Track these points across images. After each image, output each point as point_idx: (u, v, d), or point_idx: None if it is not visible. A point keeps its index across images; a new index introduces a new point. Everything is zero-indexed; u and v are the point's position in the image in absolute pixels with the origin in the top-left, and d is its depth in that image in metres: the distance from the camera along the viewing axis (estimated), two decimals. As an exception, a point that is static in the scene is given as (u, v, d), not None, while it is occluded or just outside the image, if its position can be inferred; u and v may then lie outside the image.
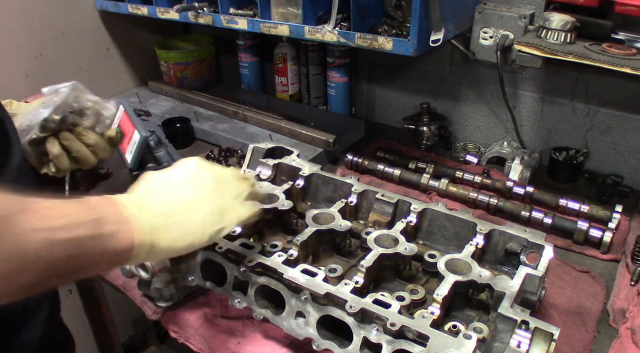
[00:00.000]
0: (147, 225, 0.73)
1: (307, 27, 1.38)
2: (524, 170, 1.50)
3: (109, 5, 1.94)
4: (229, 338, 1.04)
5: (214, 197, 0.83)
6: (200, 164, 0.87)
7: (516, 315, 0.82)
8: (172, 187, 0.81)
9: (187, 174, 0.84)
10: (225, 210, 0.84)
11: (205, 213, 0.81)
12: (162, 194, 0.80)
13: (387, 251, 0.99)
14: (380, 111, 1.99)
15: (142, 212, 0.74)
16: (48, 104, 1.13)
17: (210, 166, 0.88)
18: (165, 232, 0.76)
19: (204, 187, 0.84)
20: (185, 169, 0.85)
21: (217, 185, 0.85)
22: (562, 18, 1.24)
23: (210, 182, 0.84)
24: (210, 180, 0.84)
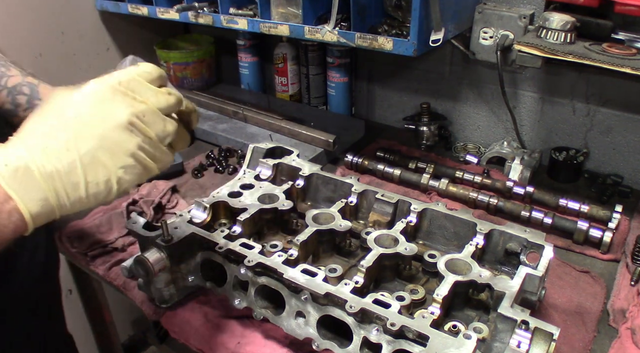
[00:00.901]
0: (36, 198, 0.63)
1: (307, 27, 1.38)
2: (524, 170, 1.50)
3: (109, 5, 1.94)
4: (229, 338, 1.04)
5: (127, 143, 0.68)
6: (112, 92, 0.68)
7: (516, 315, 0.82)
8: (71, 133, 0.65)
9: (92, 106, 0.67)
10: (140, 159, 0.70)
11: (114, 170, 0.68)
12: (55, 145, 0.65)
13: (387, 251, 0.99)
14: (380, 111, 1.99)
15: (27, 185, 0.63)
16: None
17: (124, 95, 0.69)
18: (61, 197, 0.65)
19: (114, 131, 0.67)
20: (92, 99, 0.68)
21: (132, 127, 0.68)
22: (562, 18, 1.24)
23: (123, 124, 0.67)
24: (125, 119, 0.67)
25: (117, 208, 1.41)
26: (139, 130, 0.69)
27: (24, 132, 0.66)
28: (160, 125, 0.71)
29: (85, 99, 0.67)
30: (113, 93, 0.67)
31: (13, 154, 0.63)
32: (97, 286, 1.85)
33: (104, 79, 0.69)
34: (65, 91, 0.70)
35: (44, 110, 0.68)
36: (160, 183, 1.49)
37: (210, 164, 1.68)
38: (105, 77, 0.69)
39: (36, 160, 0.63)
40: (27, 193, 0.63)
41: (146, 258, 0.98)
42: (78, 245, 1.30)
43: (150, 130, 0.70)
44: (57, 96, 0.69)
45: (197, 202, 1.14)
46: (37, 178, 0.63)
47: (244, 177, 1.27)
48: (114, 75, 0.70)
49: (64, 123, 0.65)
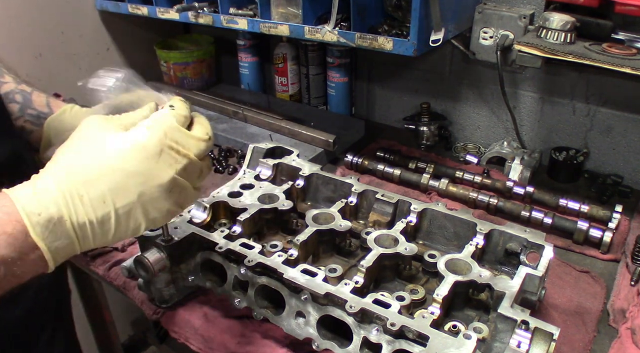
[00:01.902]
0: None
1: (307, 27, 1.38)
2: (524, 170, 1.50)
3: (109, 5, 1.94)
4: (229, 338, 1.04)
5: (164, 202, 0.68)
6: (159, 148, 0.66)
7: (516, 315, 0.82)
8: (112, 184, 0.64)
9: (139, 162, 0.65)
10: (172, 211, 0.70)
11: (144, 222, 0.67)
12: (94, 195, 0.63)
13: (387, 251, 0.99)
14: (380, 111, 1.99)
15: (57, 235, 0.62)
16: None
17: (170, 150, 0.68)
18: (87, 243, 0.65)
19: (155, 190, 0.66)
20: (140, 155, 0.65)
21: (173, 186, 0.68)
22: (562, 18, 1.24)
23: (165, 185, 0.67)
24: (168, 180, 0.67)
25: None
26: (179, 186, 0.69)
27: (59, 168, 0.64)
28: (197, 173, 0.72)
29: (132, 152, 0.65)
30: (160, 149, 0.66)
31: (48, 201, 0.61)
32: (97, 286, 1.86)
33: (155, 126, 0.68)
34: (106, 124, 0.68)
35: (83, 144, 0.66)
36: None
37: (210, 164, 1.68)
38: (154, 126, 0.67)
39: (71, 210, 0.62)
40: (55, 243, 0.62)
41: (146, 258, 0.98)
42: (78, 245, 1.30)
43: (188, 183, 0.70)
44: (99, 130, 0.67)
45: (197, 202, 1.14)
46: (69, 229, 0.62)
47: (244, 177, 1.27)
48: (159, 125, 0.68)
49: (105, 171, 0.64)
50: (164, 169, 0.66)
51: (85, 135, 0.67)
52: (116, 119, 0.71)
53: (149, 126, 0.67)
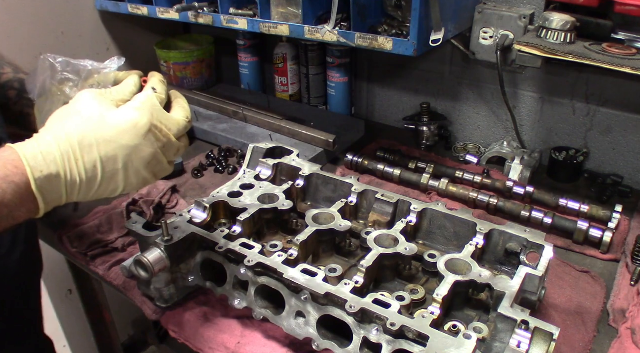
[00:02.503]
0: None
1: (307, 27, 1.38)
2: (524, 170, 1.50)
3: (109, 5, 1.94)
4: (229, 338, 1.04)
5: (143, 172, 0.80)
6: (147, 128, 0.78)
7: (516, 315, 0.82)
8: (103, 152, 0.75)
9: (129, 139, 0.77)
10: (148, 179, 0.81)
11: (123, 185, 0.79)
12: (87, 159, 0.74)
13: (387, 251, 0.99)
14: (380, 111, 1.99)
15: (53, 190, 0.73)
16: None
17: (155, 129, 0.79)
18: (73, 197, 0.76)
19: (138, 162, 0.78)
20: (130, 133, 0.77)
21: (152, 161, 0.80)
22: (562, 18, 1.24)
23: (146, 160, 0.79)
24: (149, 157, 0.79)
25: (117, 209, 1.41)
26: (157, 160, 0.81)
27: (60, 131, 0.74)
28: (174, 151, 0.84)
29: (126, 128, 0.76)
30: (148, 128, 0.78)
31: (50, 160, 0.72)
32: (97, 286, 1.86)
33: (144, 107, 0.79)
34: (101, 98, 0.79)
35: (83, 114, 0.76)
36: (160, 184, 1.49)
37: (210, 164, 1.68)
38: (143, 107, 0.79)
39: (67, 169, 0.73)
40: (50, 195, 0.73)
41: (146, 258, 0.98)
42: (78, 245, 1.30)
43: (165, 158, 0.82)
44: (97, 104, 0.77)
45: (197, 202, 1.14)
46: (62, 185, 0.73)
47: (244, 177, 1.27)
48: (147, 106, 0.79)
49: (101, 141, 0.75)
50: (148, 145, 0.78)
51: (84, 106, 0.77)
52: (108, 94, 0.81)
53: (137, 107, 0.79)
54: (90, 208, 1.43)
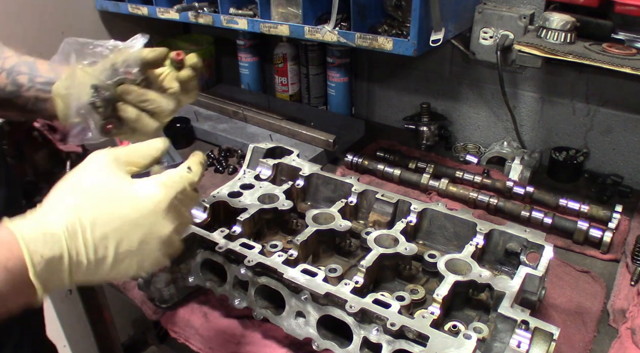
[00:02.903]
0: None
1: (307, 27, 1.38)
2: (524, 170, 1.50)
3: (109, 5, 1.94)
4: (229, 338, 1.04)
5: (159, 253, 0.70)
6: (168, 207, 0.69)
7: (516, 315, 0.82)
8: (117, 232, 0.66)
9: (147, 215, 0.68)
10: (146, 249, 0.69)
11: (137, 268, 0.69)
12: (97, 237, 0.64)
13: (387, 251, 0.99)
14: (380, 111, 1.99)
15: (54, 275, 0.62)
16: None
17: (176, 210, 0.71)
18: (78, 281, 0.65)
19: (154, 242, 0.69)
20: (150, 209, 0.68)
21: (169, 240, 0.70)
22: (562, 18, 1.24)
23: (164, 239, 0.70)
24: (167, 235, 0.70)
25: (117, 208, 1.40)
26: (171, 240, 0.71)
27: (67, 205, 0.65)
28: (186, 227, 0.75)
29: (144, 205, 0.67)
30: (168, 208, 0.69)
31: (53, 242, 0.61)
32: (97, 286, 1.85)
33: (171, 186, 0.70)
34: (117, 166, 0.70)
35: (95, 185, 0.67)
36: (160, 184, 1.48)
37: (210, 164, 1.68)
38: (169, 186, 0.70)
39: (72, 250, 0.63)
40: (50, 280, 0.62)
41: (146, 258, 0.98)
42: (78, 245, 1.30)
43: (179, 237, 0.73)
44: (111, 173, 0.69)
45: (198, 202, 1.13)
46: (65, 268, 0.63)
47: (244, 177, 1.27)
48: (173, 186, 0.71)
49: (114, 217, 0.65)
50: (167, 224, 0.69)
51: (97, 175, 0.68)
52: (124, 158, 0.72)
53: (164, 183, 0.70)
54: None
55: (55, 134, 1.48)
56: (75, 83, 0.84)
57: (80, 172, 0.69)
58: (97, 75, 0.83)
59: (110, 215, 0.65)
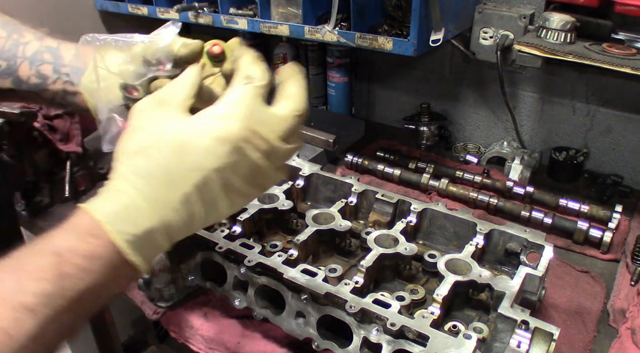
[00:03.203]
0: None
1: (307, 27, 1.38)
2: (524, 170, 1.50)
3: (109, 5, 1.94)
4: (229, 338, 1.04)
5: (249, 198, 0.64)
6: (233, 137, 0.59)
7: (516, 315, 0.82)
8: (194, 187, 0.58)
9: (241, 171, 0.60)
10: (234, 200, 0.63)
11: (224, 213, 0.63)
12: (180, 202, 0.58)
13: (387, 251, 0.99)
14: (380, 111, 1.99)
15: (150, 248, 0.59)
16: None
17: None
18: (173, 240, 0.61)
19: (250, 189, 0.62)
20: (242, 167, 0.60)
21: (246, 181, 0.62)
22: (562, 18, 1.24)
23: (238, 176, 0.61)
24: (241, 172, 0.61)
25: (117, 208, 1.40)
26: (261, 172, 0.63)
27: (136, 173, 0.59)
28: (280, 156, 0.65)
29: (215, 147, 0.59)
30: (244, 138, 0.60)
31: (136, 216, 0.57)
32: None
33: (235, 111, 0.60)
34: (166, 110, 0.61)
35: (148, 137, 0.60)
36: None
37: (210, 163, 1.68)
38: (236, 112, 0.60)
39: (159, 218, 0.58)
40: (149, 253, 0.59)
41: (146, 258, 0.98)
42: (78, 245, 1.30)
43: (270, 165, 0.64)
44: (160, 117, 0.61)
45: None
46: (159, 237, 0.59)
47: (244, 177, 1.27)
48: (241, 109, 0.60)
49: (188, 171, 0.58)
50: (246, 158, 0.60)
51: (148, 129, 0.60)
52: (172, 97, 0.63)
53: (225, 114, 0.59)
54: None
55: (55, 134, 1.48)
56: (102, 82, 0.75)
57: (131, 129, 0.61)
58: (126, 73, 0.73)
59: (183, 170, 0.58)
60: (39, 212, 1.45)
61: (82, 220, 0.57)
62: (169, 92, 0.64)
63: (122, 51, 0.73)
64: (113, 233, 0.55)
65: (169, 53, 0.71)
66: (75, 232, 0.56)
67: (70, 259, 0.54)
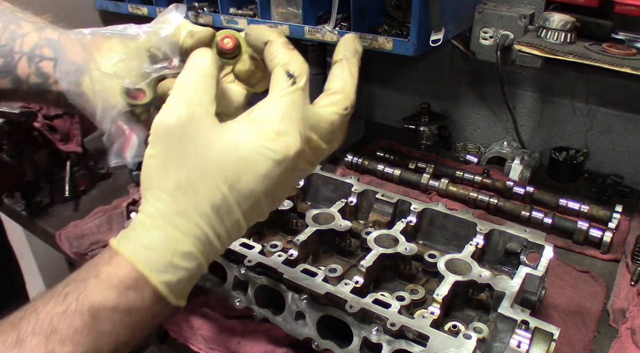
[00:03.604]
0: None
1: (307, 27, 1.38)
2: (524, 170, 1.50)
3: (109, 5, 1.94)
4: (229, 338, 1.04)
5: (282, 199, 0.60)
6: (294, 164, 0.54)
7: (516, 315, 0.82)
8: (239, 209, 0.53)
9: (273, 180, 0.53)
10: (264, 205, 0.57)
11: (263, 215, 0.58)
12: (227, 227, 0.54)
13: (387, 251, 0.99)
14: (380, 111, 1.99)
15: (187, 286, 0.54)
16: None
17: (305, 164, 0.58)
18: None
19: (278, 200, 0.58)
20: (275, 172, 0.53)
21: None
22: (562, 18, 1.24)
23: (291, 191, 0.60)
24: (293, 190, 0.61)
25: (117, 209, 1.41)
26: (302, 174, 0.60)
27: (176, 204, 0.51)
28: (320, 159, 0.62)
29: (268, 169, 0.52)
30: (298, 155, 0.54)
31: (188, 260, 0.52)
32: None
33: (288, 119, 0.52)
34: (202, 121, 0.52)
35: (188, 155, 0.51)
36: (160, 183, 1.48)
37: (210, 163, 1.68)
38: (287, 118, 0.53)
39: (204, 254, 0.53)
40: (188, 291, 0.55)
41: (146, 258, 0.98)
42: (78, 245, 1.30)
43: (307, 172, 0.62)
44: (200, 130, 0.52)
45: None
46: (198, 277, 0.55)
47: (244, 177, 1.27)
48: (292, 119, 0.53)
49: (239, 197, 0.52)
50: (297, 171, 0.56)
51: (193, 159, 0.52)
52: (198, 111, 0.53)
53: (284, 131, 0.52)
54: (90, 208, 1.43)
55: (56, 134, 1.48)
56: (98, 85, 0.63)
57: (171, 158, 0.52)
58: (124, 73, 0.62)
59: (236, 198, 0.52)
60: (39, 212, 1.45)
61: (120, 270, 0.50)
62: (192, 101, 0.53)
63: (119, 46, 0.63)
64: (160, 286, 0.50)
65: (174, 44, 0.61)
66: (113, 284, 0.49)
67: (109, 316, 0.49)
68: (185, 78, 0.55)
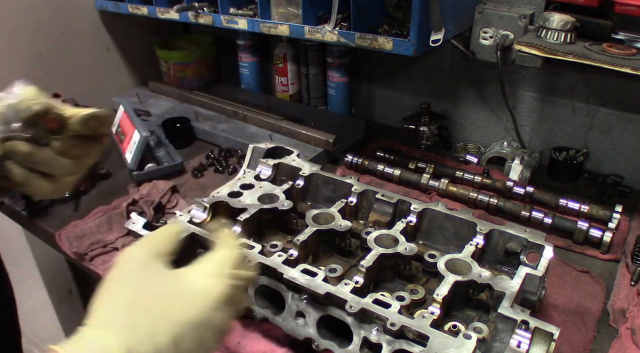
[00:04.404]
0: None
1: (307, 27, 1.38)
2: (524, 170, 1.50)
3: (109, 5, 1.94)
4: (228, 338, 1.04)
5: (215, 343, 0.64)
6: (225, 296, 0.64)
7: (516, 315, 0.82)
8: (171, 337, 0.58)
9: (204, 312, 0.61)
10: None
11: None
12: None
13: (387, 251, 0.99)
14: (380, 111, 1.99)
15: None
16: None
17: (234, 297, 0.66)
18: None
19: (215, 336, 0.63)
20: (206, 304, 0.62)
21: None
22: (562, 18, 1.24)
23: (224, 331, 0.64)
24: (227, 327, 0.65)
25: (117, 209, 1.41)
26: (230, 326, 0.66)
27: (118, 326, 0.57)
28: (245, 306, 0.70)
29: (200, 303, 0.61)
30: (226, 299, 0.63)
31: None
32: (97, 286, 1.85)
33: (221, 270, 0.66)
34: (150, 260, 0.64)
35: (140, 285, 0.61)
36: (160, 183, 1.49)
37: (210, 164, 1.68)
38: (220, 264, 0.67)
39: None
40: None
41: (146, 258, 0.98)
42: (78, 245, 1.30)
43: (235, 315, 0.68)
44: (158, 277, 0.63)
45: (197, 202, 1.14)
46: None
47: (244, 177, 1.27)
48: (227, 262, 0.67)
49: (173, 322, 0.59)
50: (225, 315, 0.64)
51: (141, 281, 0.62)
52: (159, 249, 0.66)
53: (218, 270, 0.66)
54: (90, 208, 1.43)
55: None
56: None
57: (121, 279, 0.62)
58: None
59: (170, 322, 0.59)
60: (39, 212, 1.45)
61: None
62: (154, 244, 0.67)
63: None
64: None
65: (17, 112, 0.70)
66: None
67: None
68: (159, 233, 0.72)
